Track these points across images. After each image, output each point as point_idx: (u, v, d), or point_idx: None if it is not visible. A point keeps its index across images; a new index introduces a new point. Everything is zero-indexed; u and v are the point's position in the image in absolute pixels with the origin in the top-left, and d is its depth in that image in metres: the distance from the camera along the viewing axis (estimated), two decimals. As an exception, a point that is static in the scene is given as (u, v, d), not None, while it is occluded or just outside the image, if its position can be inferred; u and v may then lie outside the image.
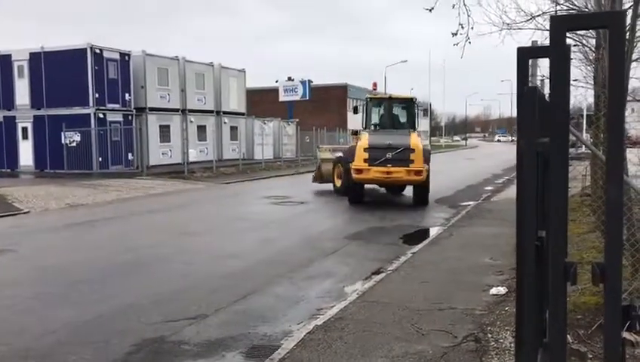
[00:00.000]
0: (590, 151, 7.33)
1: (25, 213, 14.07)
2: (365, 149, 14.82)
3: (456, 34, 7.20)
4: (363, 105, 17.64)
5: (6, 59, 26.46)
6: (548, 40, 1.71)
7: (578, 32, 7.81)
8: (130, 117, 26.29)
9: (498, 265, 7.93)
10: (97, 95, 24.84)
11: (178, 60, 28.90)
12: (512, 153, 2.18)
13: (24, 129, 26.38)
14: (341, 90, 56.49)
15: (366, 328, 5.38)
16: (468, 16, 7.11)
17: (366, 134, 15.78)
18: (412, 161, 14.62)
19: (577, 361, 4.17)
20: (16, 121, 26.49)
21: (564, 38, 1.67)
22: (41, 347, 5.17)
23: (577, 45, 8.89)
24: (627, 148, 5.56)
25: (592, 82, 8.79)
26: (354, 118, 24.26)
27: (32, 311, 6.23)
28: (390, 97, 18.29)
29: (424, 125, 36.31)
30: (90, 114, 24.75)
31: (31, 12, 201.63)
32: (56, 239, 11.05)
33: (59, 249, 9.99)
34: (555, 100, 1.70)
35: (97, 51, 24.86)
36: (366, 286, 7.02)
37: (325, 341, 5.05)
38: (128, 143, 25.94)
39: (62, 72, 24.84)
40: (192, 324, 5.75)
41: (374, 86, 52.84)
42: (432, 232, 11.29)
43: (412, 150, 14.73)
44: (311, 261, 8.68)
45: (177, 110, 28.69)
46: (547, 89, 1.82)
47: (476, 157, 45.87)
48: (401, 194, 17.55)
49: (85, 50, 24.53)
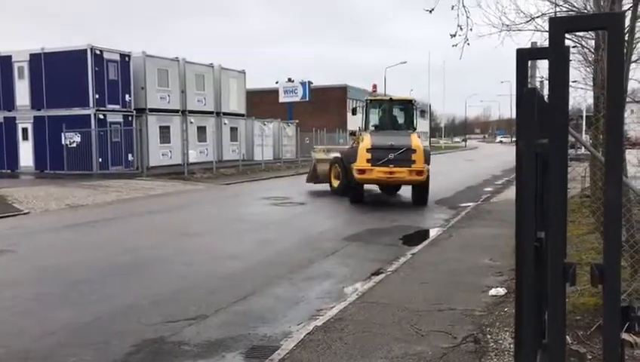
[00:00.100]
0: (589, 152, 7.34)
1: (25, 214, 14.07)
2: (368, 150, 14.96)
3: (454, 35, 7.19)
4: (362, 106, 17.87)
5: (6, 60, 26.48)
6: (547, 41, 1.71)
7: (577, 34, 7.83)
8: (130, 118, 26.30)
9: (497, 266, 7.94)
10: (97, 96, 24.84)
11: (178, 61, 28.91)
12: (512, 154, 2.19)
13: (24, 130, 26.39)
14: (341, 92, 56.50)
15: (366, 329, 5.38)
16: (467, 17, 7.11)
17: (368, 135, 15.86)
18: (414, 162, 14.81)
19: (577, 362, 4.17)
20: (16, 122, 26.50)
21: (563, 40, 1.68)
22: (40, 348, 5.17)
23: (576, 46, 8.91)
24: (626, 149, 5.57)
25: (592, 83, 8.80)
26: (354, 119, 24.30)
27: (32, 312, 6.23)
28: (391, 99, 18.45)
29: (422, 126, 36.27)
30: (90, 115, 24.76)
31: (31, 12, 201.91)
32: (56, 240, 11.05)
33: (59, 250, 9.99)
34: (554, 101, 1.71)
35: (97, 52, 24.85)
36: (366, 287, 7.03)
37: (325, 342, 5.05)
38: (128, 144, 25.94)
39: (62, 73, 24.86)
40: (192, 325, 5.75)
41: (374, 88, 52.87)
42: (432, 233, 11.29)
43: (414, 150, 14.91)
44: (311, 262, 8.69)
45: (177, 111, 28.69)
46: (546, 90, 1.82)
47: (476, 158, 45.86)
48: (396, 194, 17.74)
49: (85, 51, 24.54)
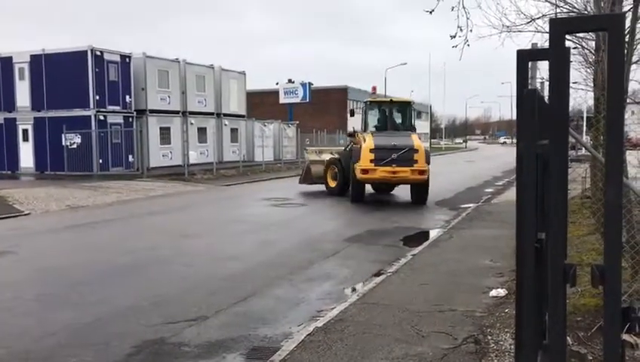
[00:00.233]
0: (590, 153, 7.34)
1: (25, 215, 14.08)
2: (371, 150, 15.29)
3: (454, 36, 7.18)
4: (362, 108, 18.23)
5: (7, 61, 26.50)
6: (548, 42, 1.71)
7: (578, 35, 7.82)
8: (130, 119, 26.30)
9: (498, 267, 7.93)
10: (98, 97, 24.84)
11: (179, 62, 28.92)
12: (512, 155, 2.19)
13: (25, 131, 26.39)
14: (341, 93, 56.54)
15: (366, 330, 5.38)
16: (467, 18, 7.10)
17: (370, 136, 16.09)
18: (416, 161, 15.20)
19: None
20: (16, 123, 26.50)
21: (563, 41, 1.68)
22: (41, 349, 5.17)
23: (577, 48, 8.91)
24: (627, 150, 5.57)
25: (592, 84, 8.80)
26: (354, 121, 24.34)
27: (32, 313, 6.24)
28: (391, 101, 18.65)
29: (421, 127, 36.39)
30: (90, 116, 24.76)
31: (31, 13, 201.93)
32: (56, 241, 11.06)
33: (59, 251, 9.99)
34: (555, 102, 1.71)
35: (98, 53, 24.86)
36: (366, 288, 7.03)
37: (325, 342, 5.05)
38: (129, 145, 25.94)
39: (63, 74, 24.86)
40: (193, 326, 5.75)
41: (373, 90, 52.87)
42: (432, 234, 11.29)
43: (416, 150, 15.30)
44: (311, 263, 8.68)
45: (178, 112, 28.69)
46: (547, 91, 1.82)
47: (476, 159, 45.87)
48: (389, 193, 18.01)
49: (86, 52, 24.54)
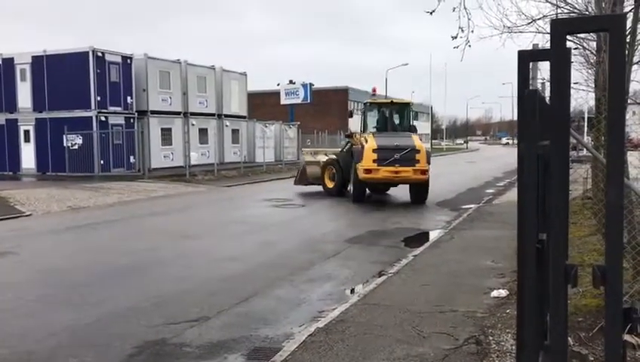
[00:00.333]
0: (591, 154, 7.34)
1: (27, 216, 14.09)
2: (374, 150, 15.50)
3: (456, 37, 7.19)
4: (362, 109, 18.51)
5: (9, 62, 26.52)
6: (549, 43, 1.71)
7: (579, 35, 7.82)
8: (131, 120, 26.30)
9: (499, 268, 7.93)
10: (99, 98, 24.85)
11: (180, 63, 28.93)
12: (513, 156, 2.19)
13: (26, 132, 26.40)
14: (342, 94, 56.57)
15: (367, 330, 5.38)
16: (468, 19, 7.11)
17: (371, 136, 16.25)
18: (418, 161, 15.47)
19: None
20: (18, 124, 26.50)
21: (564, 41, 1.68)
22: (42, 350, 5.18)
23: (578, 48, 8.90)
24: (628, 151, 5.57)
25: (593, 85, 8.79)
26: (355, 122, 24.37)
27: (34, 314, 6.24)
28: (392, 102, 18.81)
29: (422, 128, 36.47)
30: (92, 117, 24.77)
31: (31, 13, 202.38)
32: (57, 242, 11.06)
33: (60, 252, 10.00)
34: (556, 103, 1.71)
35: (99, 54, 24.86)
36: (367, 288, 7.03)
37: (327, 343, 5.05)
38: (130, 146, 25.94)
39: (64, 75, 24.86)
40: (194, 326, 5.75)
41: (374, 91, 52.85)
42: (434, 235, 11.29)
43: (418, 150, 15.59)
44: (312, 263, 8.68)
45: (179, 113, 28.69)
46: (548, 92, 1.82)
47: (477, 160, 45.84)
48: (386, 193, 18.24)
49: (87, 53, 24.54)
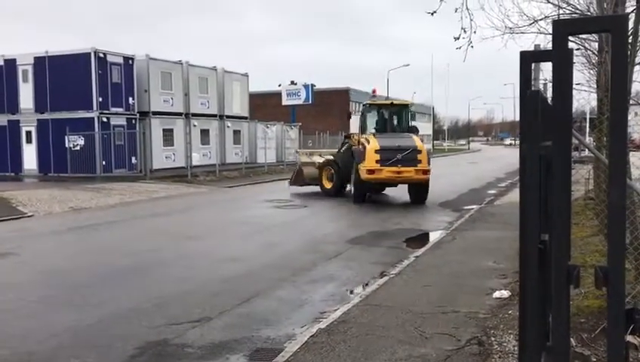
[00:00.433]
0: (593, 154, 7.33)
1: (29, 217, 14.11)
2: (377, 151, 15.64)
3: (458, 38, 7.19)
4: (361, 110, 18.70)
5: (11, 63, 26.55)
6: (550, 44, 1.71)
7: (581, 36, 7.81)
8: (133, 121, 26.33)
9: (501, 269, 7.92)
10: (101, 99, 24.88)
11: (181, 64, 28.95)
12: (515, 157, 2.19)
13: (28, 133, 26.44)
14: (344, 94, 56.52)
15: (369, 331, 5.37)
16: (470, 20, 7.10)
17: (372, 137, 16.34)
18: (420, 161, 15.66)
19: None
20: (20, 125, 26.55)
21: (566, 42, 1.68)
22: (44, 350, 5.18)
23: (580, 49, 8.89)
24: (630, 151, 5.55)
25: (595, 86, 8.78)
26: (355, 123, 24.41)
27: (35, 315, 6.25)
28: (392, 103, 18.81)
29: (423, 128, 36.52)
30: (93, 118, 24.79)
31: (31, 13, 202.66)
32: (59, 243, 11.07)
33: (62, 252, 10.01)
34: (558, 104, 1.70)
35: (101, 55, 24.89)
36: (369, 289, 7.02)
37: (329, 344, 5.05)
38: (132, 147, 25.95)
39: (66, 76, 24.90)
40: (196, 327, 5.75)
41: (374, 92, 52.90)
42: (435, 236, 11.27)
43: (419, 151, 15.76)
44: (314, 264, 8.68)
45: (181, 114, 28.72)
46: (550, 92, 1.82)
47: (479, 160, 45.79)
48: (381, 193, 18.36)
49: (89, 54, 24.56)
